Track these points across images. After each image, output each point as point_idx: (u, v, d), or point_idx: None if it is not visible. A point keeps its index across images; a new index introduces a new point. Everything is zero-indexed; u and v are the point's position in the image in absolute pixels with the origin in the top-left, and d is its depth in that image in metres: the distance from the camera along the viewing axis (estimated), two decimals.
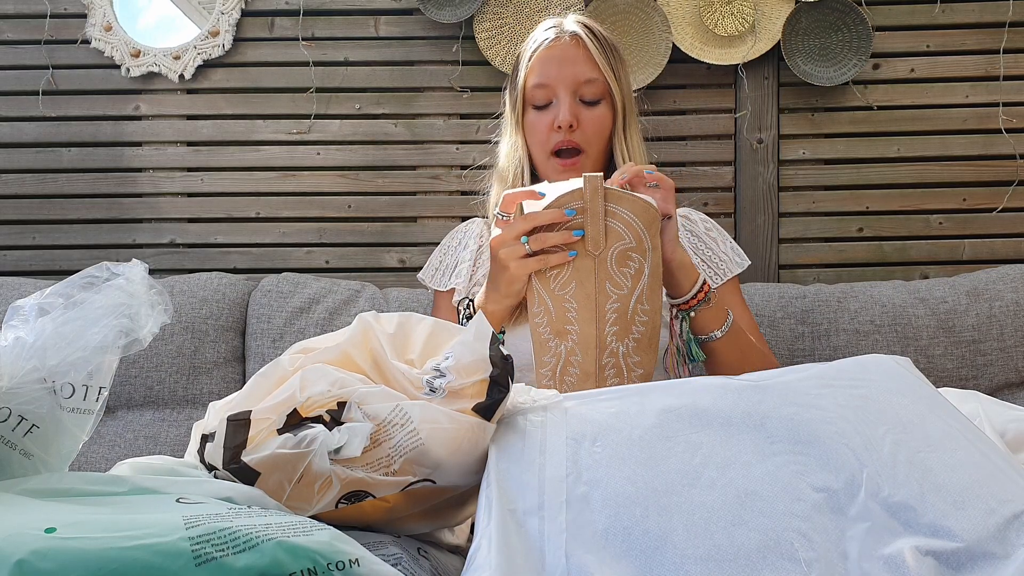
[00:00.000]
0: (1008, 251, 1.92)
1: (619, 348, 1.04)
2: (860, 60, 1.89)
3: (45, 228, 2.00)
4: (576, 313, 1.03)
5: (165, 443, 1.66)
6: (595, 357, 1.04)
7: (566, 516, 0.68)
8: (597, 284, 1.02)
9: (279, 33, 1.98)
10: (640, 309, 1.04)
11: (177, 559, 0.55)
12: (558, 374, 1.05)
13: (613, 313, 1.03)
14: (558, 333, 1.04)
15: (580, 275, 1.02)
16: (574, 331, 1.03)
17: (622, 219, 1.01)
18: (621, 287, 1.02)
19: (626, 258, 1.02)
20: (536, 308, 1.05)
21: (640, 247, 1.02)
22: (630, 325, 1.04)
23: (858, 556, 0.64)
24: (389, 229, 1.98)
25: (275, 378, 0.78)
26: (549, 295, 1.04)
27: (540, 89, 1.28)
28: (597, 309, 1.03)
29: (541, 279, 1.04)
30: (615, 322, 1.03)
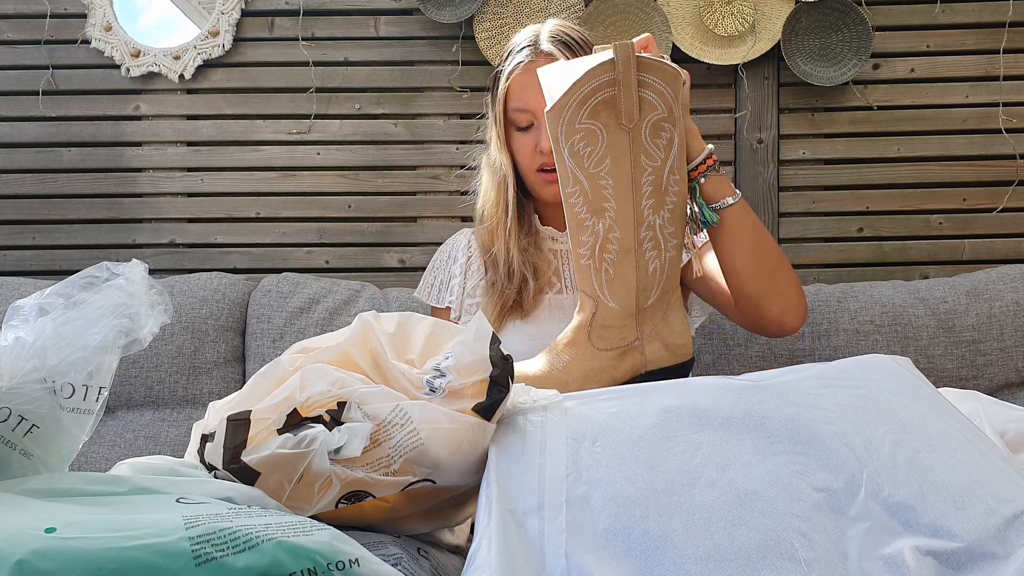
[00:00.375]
0: (1008, 251, 1.92)
1: (656, 221, 1.03)
2: (860, 60, 1.89)
3: (45, 228, 2.00)
4: (612, 190, 1.01)
5: (165, 443, 1.66)
6: (633, 232, 1.03)
7: (566, 516, 0.68)
8: (633, 158, 1.00)
9: (279, 33, 1.98)
10: (673, 180, 1.03)
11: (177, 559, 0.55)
12: (597, 252, 1.03)
13: (649, 186, 1.02)
14: (595, 211, 1.02)
15: (614, 151, 1.00)
16: (611, 208, 1.02)
17: (655, 89, 0.99)
18: (655, 159, 1.01)
19: (659, 129, 1.00)
20: (571, 188, 1.02)
21: (671, 116, 1.00)
22: (664, 197, 1.03)
23: (858, 556, 0.64)
24: (389, 229, 1.98)
25: (275, 378, 0.78)
26: (584, 174, 1.01)
27: (520, 113, 1.29)
28: (633, 184, 1.01)
29: (575, 158, 1.01)
30: (651, 195, 1.02)
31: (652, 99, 0.99)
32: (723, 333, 1.65)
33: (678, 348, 1.08)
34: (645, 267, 1.04)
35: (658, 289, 1.06)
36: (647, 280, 1.05)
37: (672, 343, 1.07)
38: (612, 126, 0.99)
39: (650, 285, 1.05)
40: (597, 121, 0.99)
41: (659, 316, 1.07)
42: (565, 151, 1.01)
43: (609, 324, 1.05)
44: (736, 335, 1.65)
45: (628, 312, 1.05)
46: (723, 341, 1.65)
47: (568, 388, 1.01)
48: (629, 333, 1.06)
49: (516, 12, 1.92)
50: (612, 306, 1.05)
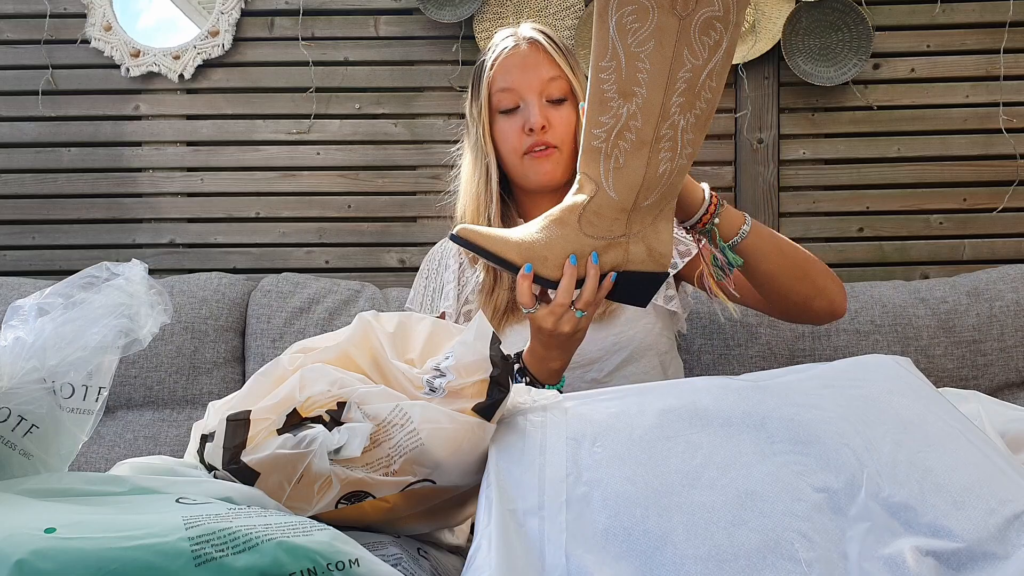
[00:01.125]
0: (1008, 251, 1.92)
1: (679, 121, 1.00)
2: (860, 60, 1.89)
3: (45, 228, 2.00)
4: (647, 75, 0.98)
5: (165, 443, 1.66)
6: (655, 126, 1.00)
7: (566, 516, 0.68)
8: (676, 48, 0.97)
9: (279, 33, 1.98)
10: (708, 85, 1.00)
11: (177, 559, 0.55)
12: (612, 137, 1.01)
13: (683, 83, 0.99)
14: (623, 93, 0.99)
15: (661, 35, 0.97)
16: (640, 94, 0.99)
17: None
18: (698, 56, 0.98)
19: (710, 27, 0.97)
20: (605, 61, 0.98)
21: (726, 18, 0.97)
22: (695, 99, 1.00)
23: (858, 556, 0.64)
24: (389, 229, 1.98)
25: (275, 377, 0.78)
26: (624, 49, 0.97)
27: (505, 93, 1.28)
28: (670, 74, 0.98)
29: (620, 30, 0.97)
30: (683, 92, 0.99)
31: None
32: (723, 333, 1.65)
33: (660, 256, 1.06)
34: (656, 166, 1.02)
35: (658, 192, 1.04)
36: (653, 180, 1.03)
37: (656, 250, 1.06)
38: (665, 8, 0.96)
39: (654, 186, 1.03)
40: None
41: (649, 219, 1.05)
42: (612, 19, 0.97)
43: (602, 213, 1.03)
44: (736, 335, 1.65)
45: (624, 207, 1.03)
46: (723, 341, 1.65)
47: (546, 264, 1.01)
48: (618, 227, 1.04)
49: (516, 12, 1.92)
50: (611, 196, 1.02)
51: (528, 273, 1.02)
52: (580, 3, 1.92)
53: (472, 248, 1.00)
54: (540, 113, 1.26)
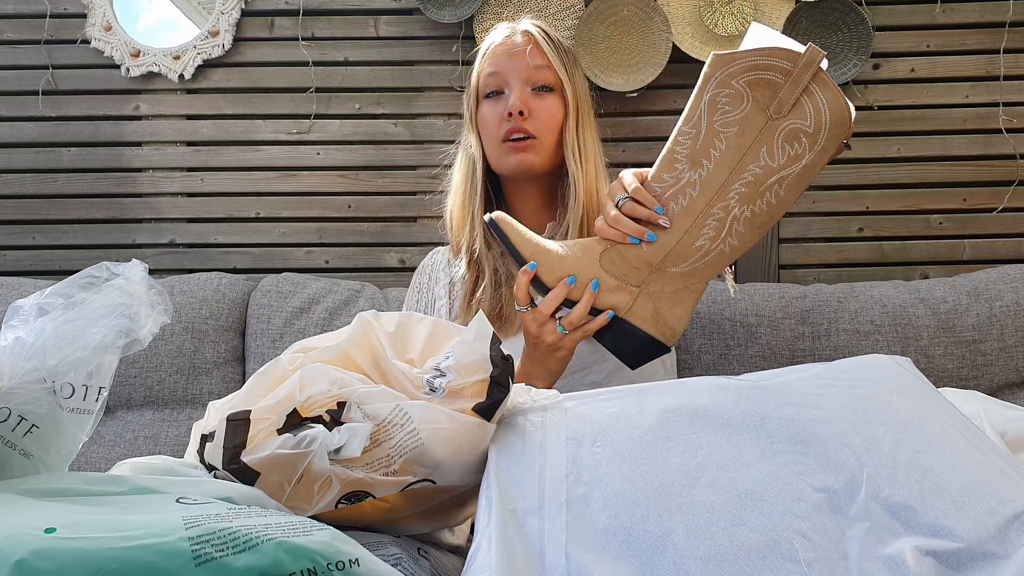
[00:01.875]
0: (1008, 251, 1.92)
1: (734, 208, 1.04)
2: (860, 60, 1.89)
3: (45, 228, 2.00)
4: (719, 154, 1.03)
5: (165, 443, 1.66)
6: (708, 200, 1.04)
7: (566, 516, 0.68)
8: (755, 142, 1.02)
9: (279, 33, 1.98)
10: (775, 191, 1.04)
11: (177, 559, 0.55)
12: (665, 196, 1.05)
13: (751, 175, 1.03)
14: (692, 160, 1.04)
15: (747, 124, 1.02)
16: (707, 167, 1.03)
17: (815, 103, 1.01)
18: (774, 159, 1.02)
19: (794, 138, 1.02)
20: (688, 127, 1.04)
21: (814, 137, 1.01)
22: (757, 198, 1.04)
23: (858, 556, 0.64)
24: (389, 229, 1.98)
25: (275, 377, 0.78)
26: (708, 124, 1.03)
27: (491, 77, 1.29)
28: (740, 162, 1.03)
29: (712, 106, 1.03)
30: (747, 184, 1.03)
31: (807, 108, 1.01)
32: (723, 333, 1.65)
33: (664, 327, 1.08)
34: (695, 237, 1.05)
35: (689, 265, 1.06)
36: (688, 249, 1.06)
37: (663, 319, 1.08)
38: (760, 104, 1.01)
39: (686, 255, 1.06)
40: (752, 91, 1.02)
41: (670, 288, 1.07)
42: (708, 95, 1.03)
43: (626, 257, 1.07)
44: (736, 335, 1.65)
45: (650, 261, 1.06)
46: (723, 341, 1.65)
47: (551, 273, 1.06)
48: (636, 277, 1.07)
49: (516, 12, 1.92)
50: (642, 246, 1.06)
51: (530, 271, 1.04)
52: (580, 3, 1.92)
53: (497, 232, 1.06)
54: (520, 98, 1.26)
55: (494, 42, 1.32)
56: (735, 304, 1.67)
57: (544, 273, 1.05)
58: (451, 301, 1.35)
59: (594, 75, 1.89)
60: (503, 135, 1.27)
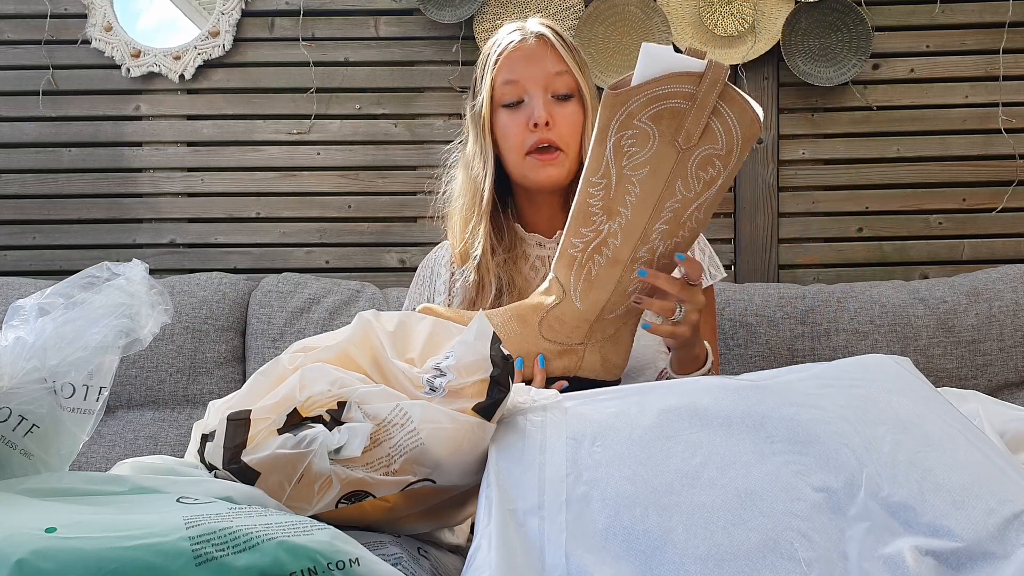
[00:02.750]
0: (1008, 251, 1.92)
1: (659, 246, 1.01)
2: (860, 60, 1.89)
3: (45, 228, 2.00)
4: (634, 199, 0.98)
5: (165, 443, 1.66)
6: (633, 247, 1.01)
7: (566, 516, 0.68)
8: (669, 179, 0.98)
9: (279, 33, 1.98)
10: (695, 217, 1.00)
11: (177, 559, 0.55)
12: (588, 251, 1.02)
13: (670, 212, 0.99)
14: (608, 211, 1.00)
15: (657, 163, 0.97)
16: (625, 215, 0.99)
17: (725, 123, 0.95)
18: (689, 190, 0.98)
19: (708, 163, 0.97)
20: (596, 177, 0.99)
21: (727, 157, 0.97)
22: (678, 229, 1.01)
23: (858, 556, 0.64)
24: (389, 229, 1.98)
25: (275, 377, 0.78)
26: (617, 171, 0.98)
27: (510, 86, 1.24)
28: (658, 202, 0.99)
29: (617, 151, 0.97)
30: (668, 221, 1.00)
31: (717, 131, 0.96)
32: (723, 333, 1.65)
33: (613, 367, 1.08)
34: (626, 285, 1.03)
35: (623, 308, 1.05)
36: (622, 297, 1.04)
37: (610, 360, 1.07)
38: (667, 138, 0.96)
39: (621, 302, 1.04)
40: (656, 126, 0.96)
41: (611, 329, 1.06)
42: (611, 140, 0.97)
43: (564, 320, 1.05)
44: (736, 335, 1.65)
45: (587, 317, 1.04)
46: (723, 341, 1.65)
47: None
48: (577, 335, 1.05)
49: (516, 12, 1.92)
50: (577, 305, 1.04)
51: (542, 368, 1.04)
52: (580, 3, 1.92)
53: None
54: (545, 108, 1.22)
55: (506, 46, 1.26)
56: (735, 304, 1.67)
57: None
58: (450, 298, 1.33)
59: (594, 75, 1.89)
60: (528, 147, 1.24)
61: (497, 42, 1.28)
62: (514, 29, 1.28)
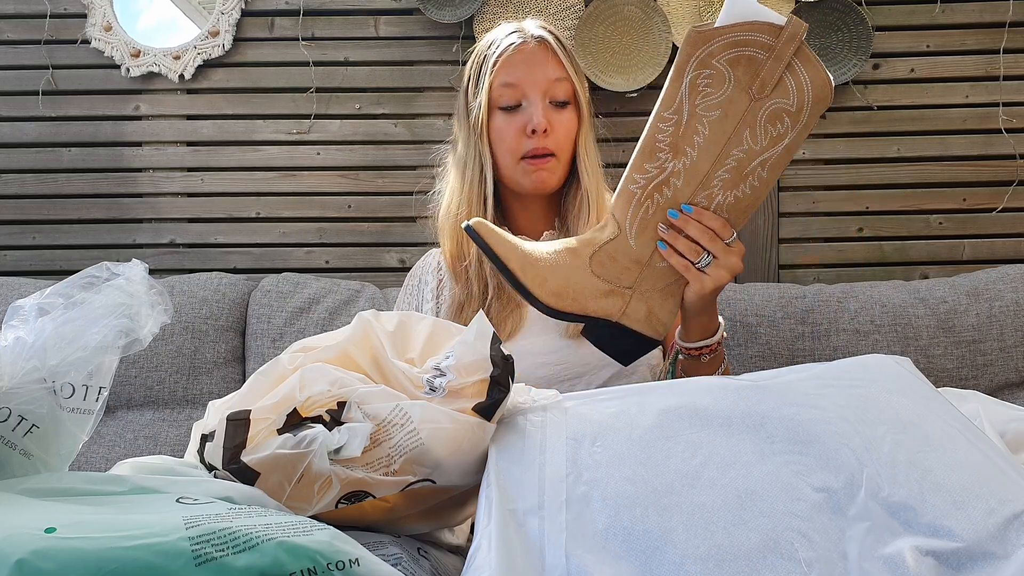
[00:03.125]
0: (1008, 251, 1.92)
1: (718, 195, 1.01)
2: (860, 60, 1.89)
3: (45, 228, 2.00)
4: (702, 140, 0.99)
5: (165, 443, 1.66)
6: (693, 190, 1.01)
7: (566, 516, 0.68)
8: (739, 125, 0.98)
9: (279, 33, 1.98)
10: (758, 174, 1.00)
11: (177, 559, 0.55)
12: (649, 188, 1.01)
13: (734, 161, 0.99)
14: (675, 148, 0.99)
15: (729, 107, 0.98)
16: (691, 155, 0.99)
17: (798, 80, 0.97)
18: (756, 142, 0.99)
19: (777, 118, 0.98)
20: (668, 112, 0.99)
21: (797, 115, 0.98)
22: (740, 182, 1.00)
23: (858, 556, 0.64)
24: (389, 229, 1.98)
25: (275, 376, 0.78)
26: (689, 108, 0.98)
27: (508, 88, 1.24)
28: (724, 147, 0.99)
29: (692, 89, 0.98)
30: (731, 170, 1.00)
31: (790, 86, 0.97)
32: None
33: (658, 324, 1.06)
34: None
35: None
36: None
37: (656, 315, 1.05)
38: (742, 84, 0.97)
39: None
40: (733, 70, 0.97)
41: (661, 285, 1.05)
42: (687, 77, 0.98)
43: (616, 258, 1.03)
44: (736, 335, 1.65)
45: (639, 259, 1.03)
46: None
47: (544, 286, 1.00)
48: (628, 278, 1.03)
49: (516, 12, 1.92)
50: (631, 244, 1.02)
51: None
52: (580, 3, 1.92)
53: (479, 243, 1.00)
54: (543, 114, 1.22)
55: (505, 48, 1.25)
56: (735, 304, 1.67)
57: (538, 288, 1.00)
58: (438, 305, 1.32)
59: (594, 75, 1.89)
60: (523, 152, 1.23)
61: (495, 43, 1.27)
62: (513, 31, 1.27)
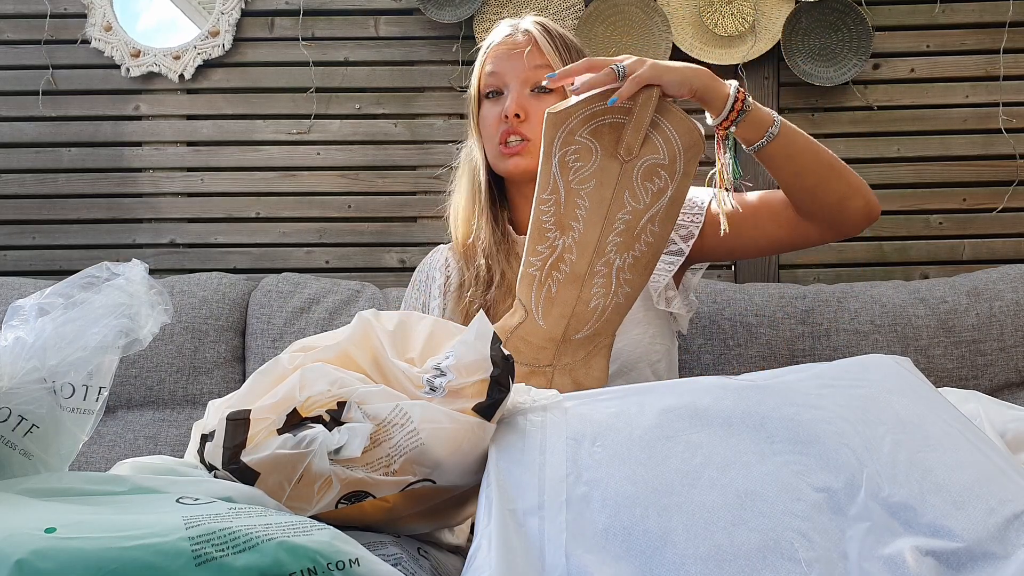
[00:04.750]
0: (1008, 251, 1.92)
1: (615, 260, 1.03)
2: (860, 60, 1.89)
3: (45, 228, 2.00)
4: (585, 212, 1.01)
5: (165, 443, 1.66)
6: (589, 261, 1.02)
7: (566, 516, 0.68)
8: (616, 190, 1.00)
9: (279, 33, 1.98)
10: (650, 230, 1.02)
11: (177, 559, 0.55)
12: (546, 268, 1.03)
13: (622, 224, 1.02)
14: (560, 225, 1.02)
15: (602, 176, 1.00)
16: (577, 229, 1.02)
17: (664, 134, 0.99)
18: (638, 201, 1.01)
19: (653, 174, 1.00)
20: (546, 194, 1.02)
21: (671, 167, 1.00)
22: (634, 242, 1.02)
23: (858, 556, 0.64)
24: (389, 229, 1.98)
25: (275, 376, 0.77)
26: (565, 185, 1.01)
27: (491, 77, 1.28)
28: (608, 214, 1.01)
29: (562, 167, 1.01)
30: (621, 233, 1.02)
31: (658, 143, 0.99)
32: (723, 333, 1.65)
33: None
34: (587, 300, 1.04)
35: (591, 328, 1.05)
36: (584, 313, 1.05)
37: (583, 385, 1.06)
38: (609, 151, 0.99)
39: (585, 319, 1.05)
40: (597, 141, 1.00)
41: (581, 354, 1.06)
42: (556, 157, 1.01)
43: (530, 340, 1.05)
44: (736, 335, 1.65)
45: (552, 337, 1.05)
46: (723, 341, 1.65)
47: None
48: (545, 357, 1.05)
49: (516, 12, 1.92)
50: (540, 324, 1.04)
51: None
52: (580, 3, 1.92)
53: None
54: (517, 101, 1.24)
55: (495, 40, 1.31)
56: (735, 304, 1.67)
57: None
58: (445, 302, 1.34)
59: None
60: (500, 137, 1.26)
61: (490, 38, 1.33)
62: (508, 25, 1.33)
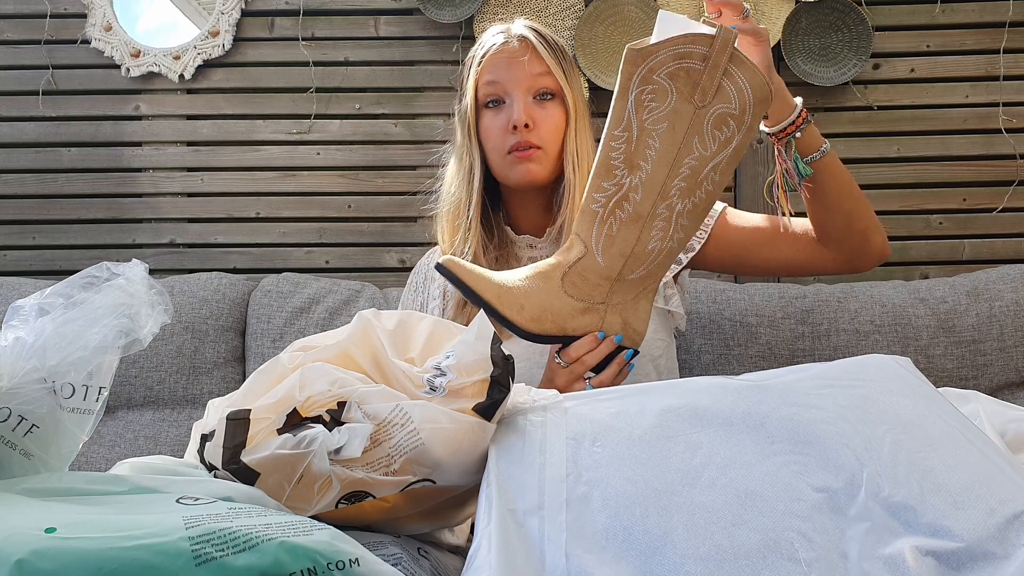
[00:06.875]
0: (1008, 251, 1.92)
1: (677, 204, 1.05)
2: (860, 60, 1.89)
3: (45, 228, 2.00)
4: (655, 153, 1.03)
5: (165, 443, 1.66)
6: (653, 202, 1.04)
7: (566, 516, 0.68)
8: (687, 135, 1.02)
9: (279, 33, 1.98)
10: (711, 178, 1.04)
11: (177, 559, 0.55)
12: (610, 204, 1.04)
13: (688, 169, 1.03)
14: (629, 164, 1.03)
15: (675, 118, 1.02)
16: (645, 169, 1.03)
17: (736, 84, 1.01)
18: (706, 148, 1.03)
19: (723, 123, 1.02)
20: (619, 131, 1.03)
21: (740, 118, 1.02)
22: (696, 188, 1.04)
23: (858, 556, 0.64)
24: (389, 229, 1.98)
25: (274, 375, 0.78)
26: (638, 124, 1.02)
27: (491, 86, 1.27)
28: (676, 157, 1.03)
29: (638, 105, 1.02)
30: (686, 179, 1.04)
31: (730, 91, 1.01)
32: (723, 333, 1.65)
33: (634, 333, 1.09)
34: (646, 241, 1.06)
35: (644, 270, 1.07)
36: (642, 255, 1.06)
37: (631, 325, 1.09)
38: (684, 95, 1.01)
39: (641, 260, 1.06)
40: (674, 83, 1.01)
41: (631, 295, 1.08)
42: (632, 95, 1.02)
43: (586, 276, 1.06)
44: (736, 335, 1.65)
45: (609, 275, 1.06)
46: (723, 341, 1.65)
47: (522, 313, 1.03)
48: (599, 293, 1.07)
49: (516, 12, 1.92)
50: (599, 261, 1.06)
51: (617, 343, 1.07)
52: (580, 3, 1.92)
53: (451, 279, 1.03)
54: (524, 110, 1.24)
55: (489, 49, 1.28)
56: (735, 304, 1.67)
57: (516, 315, 1.03)
58: (445, 302, 1.34)
59: (594, 75, 1.89)
60: (508, 147, 1.25)
61: (482, 44, 1.31)
62: (499, 31, 1.31)
